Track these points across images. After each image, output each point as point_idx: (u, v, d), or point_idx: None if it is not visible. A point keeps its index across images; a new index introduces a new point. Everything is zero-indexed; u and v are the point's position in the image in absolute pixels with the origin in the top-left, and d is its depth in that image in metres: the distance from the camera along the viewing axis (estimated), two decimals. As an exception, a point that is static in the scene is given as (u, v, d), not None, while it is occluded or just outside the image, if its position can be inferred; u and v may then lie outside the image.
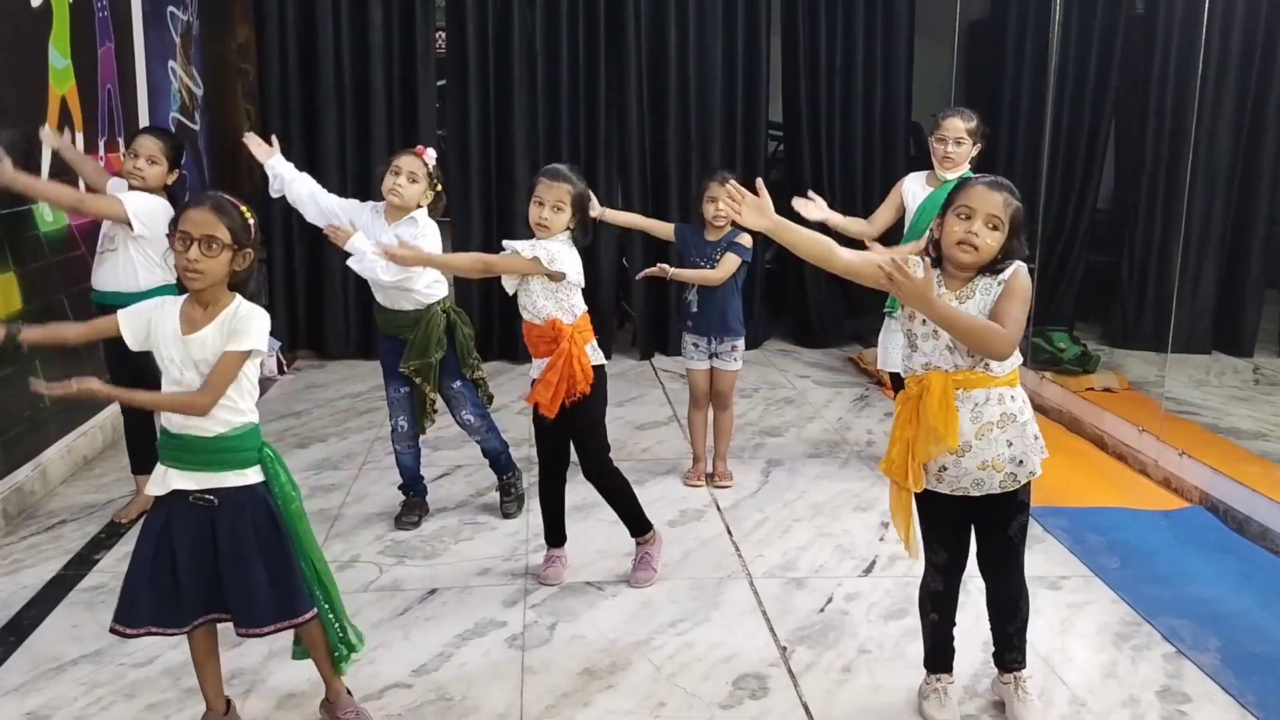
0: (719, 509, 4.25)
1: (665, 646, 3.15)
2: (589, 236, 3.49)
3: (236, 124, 7.18)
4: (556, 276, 3.34)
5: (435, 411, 4.00)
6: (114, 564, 3.69)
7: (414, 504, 4.12)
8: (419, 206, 3.83)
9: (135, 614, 2.51)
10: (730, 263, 4.26)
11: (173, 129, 5.76)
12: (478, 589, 3.54)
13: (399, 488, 4.16)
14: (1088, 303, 7.16)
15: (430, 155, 3.84)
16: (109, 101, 5.11)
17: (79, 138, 4.73)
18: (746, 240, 4.27)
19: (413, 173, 3.77)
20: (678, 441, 5.07)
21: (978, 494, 2.59)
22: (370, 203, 3.94)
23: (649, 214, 5.87)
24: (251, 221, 2.51)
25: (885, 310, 4.53)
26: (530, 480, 4.55)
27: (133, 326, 2.53)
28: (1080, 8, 6.62)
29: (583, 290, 3.47)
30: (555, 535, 3.66)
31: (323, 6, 6.48)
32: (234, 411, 2.50)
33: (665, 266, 4.28)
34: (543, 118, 6.79)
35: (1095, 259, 7.19)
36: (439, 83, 6.86)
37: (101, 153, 4.97)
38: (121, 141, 5.22)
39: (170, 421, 2.50)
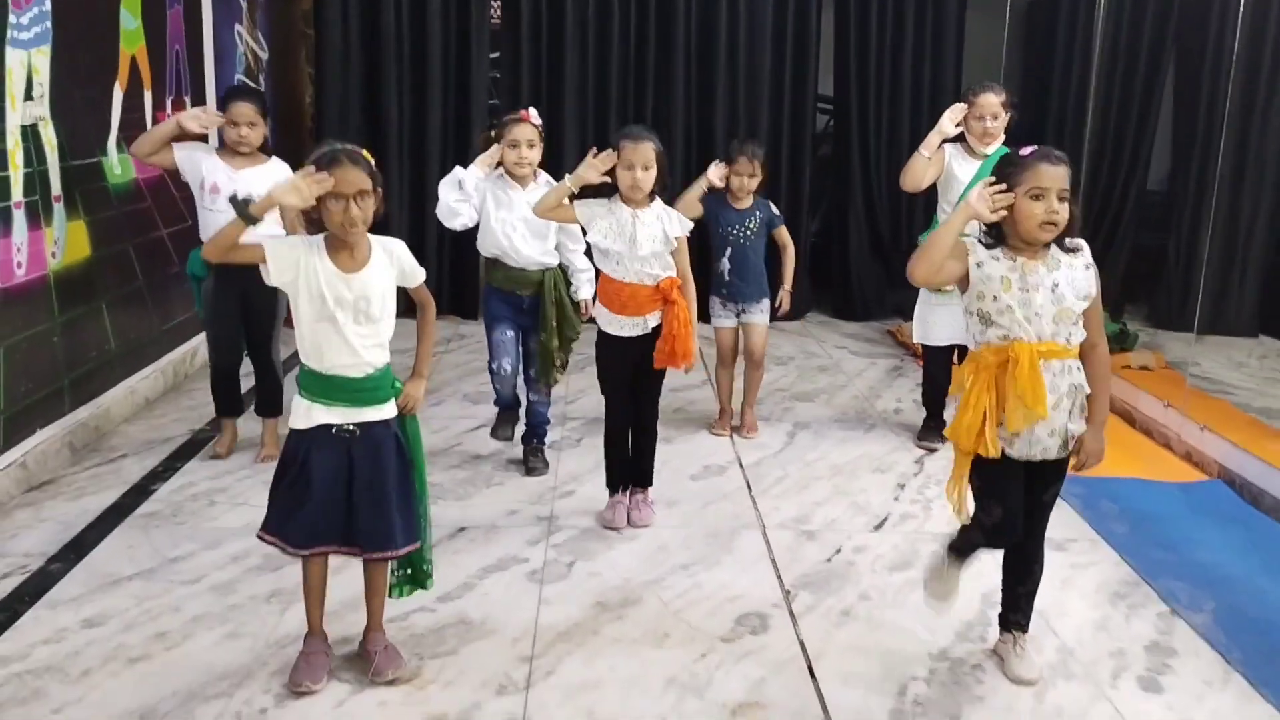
0: (741, 465, 4.40)
1: (675, 585, 3.31)
2: (668, 192, 3.61)
3: (300, 88, 7.43)
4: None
5: (561, 369, 4.14)
6: (169, 494, 3.94)
7: (506, 418, 4.26)
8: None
9: (267, 523, 2.69)
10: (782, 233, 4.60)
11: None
12: (504, 529, 3.73)
13: (494, 403, 4.30)
14: (1135, 284, 7.13)
15: (534, 116, 3.96)
16: (177, 63, 5.36)
17: (147, 96, 4.99)
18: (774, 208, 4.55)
19: (530, 140, 3.93)
20: (709, 403, 5.21)
21: (1038, 460, 2.67)
22: (488, 178, 3.99)
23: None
24: (372, 160, 2.61)
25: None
26: (565, 444, 4.72)
27: (280, 257, 2.56)
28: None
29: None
30: (623, 480, 3.81)
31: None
32: (382, 352, 2.68)
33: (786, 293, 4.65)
34: (592, 90, 6.97)
35: (1144, 240, 7.17)
36: (493, 54, 7.04)
37: (168, 111, 5.22)
38: (188, 100, 5.48)
39: (318, 362, 2.61)
